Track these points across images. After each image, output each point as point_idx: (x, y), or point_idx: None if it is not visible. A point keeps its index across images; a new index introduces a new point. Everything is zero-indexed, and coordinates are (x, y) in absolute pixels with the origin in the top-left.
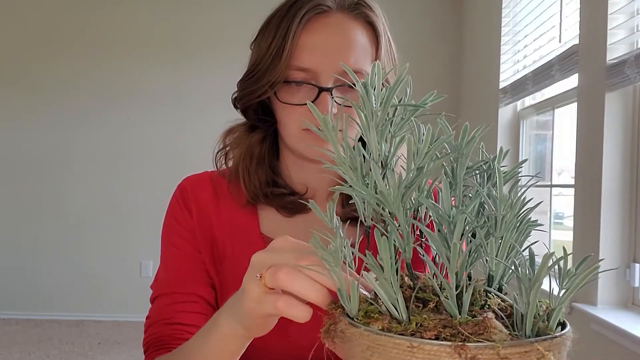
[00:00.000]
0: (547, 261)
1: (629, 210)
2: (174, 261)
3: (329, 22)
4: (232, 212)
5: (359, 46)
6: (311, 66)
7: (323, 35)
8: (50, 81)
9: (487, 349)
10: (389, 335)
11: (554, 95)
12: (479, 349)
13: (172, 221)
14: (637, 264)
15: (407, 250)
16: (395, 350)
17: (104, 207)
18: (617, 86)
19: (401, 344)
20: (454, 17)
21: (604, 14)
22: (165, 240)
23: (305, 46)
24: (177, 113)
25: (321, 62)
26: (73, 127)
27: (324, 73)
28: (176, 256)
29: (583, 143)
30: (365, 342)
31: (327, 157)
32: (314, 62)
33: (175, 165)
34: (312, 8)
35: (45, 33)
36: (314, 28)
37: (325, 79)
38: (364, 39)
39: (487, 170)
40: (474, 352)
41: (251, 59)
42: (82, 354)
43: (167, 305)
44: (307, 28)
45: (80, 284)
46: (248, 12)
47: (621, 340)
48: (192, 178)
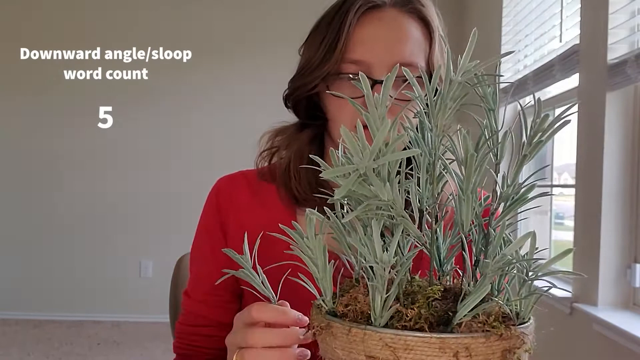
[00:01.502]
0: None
1: (629, 210)
2: (207, 276)
3: (383, 17)
4: (271, 212)
5: (413, 39)
6: (365, 58)
7: (376, 28)
8: (52, 79)
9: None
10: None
11: (554, 95)
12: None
13: (205, 230)
14: (637, 264)
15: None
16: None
17: (104, 207)
18: (618, 86)
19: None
20: (454, 17)
21: (604, 14)
22: (198, 246)
23: (358, 39)
24: (177, 113)
25: (374, 55)
26: (72, 126)
27: (377, 65)
28: (209, 268)
29: (584, 143)
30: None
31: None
32: (367, 55)
33: (175, 166)
34: (365, 2)
35: (59, 32)
36: (367, 21)
37: (378, 72)
38: (418, 33)
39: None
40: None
41: (302, 59)
42: (82, 354)
43: (190, 327)
44: (361, 22)
45: (79, 284)
46: (278, 14)
47: (622, 340)
48: (226, 178)
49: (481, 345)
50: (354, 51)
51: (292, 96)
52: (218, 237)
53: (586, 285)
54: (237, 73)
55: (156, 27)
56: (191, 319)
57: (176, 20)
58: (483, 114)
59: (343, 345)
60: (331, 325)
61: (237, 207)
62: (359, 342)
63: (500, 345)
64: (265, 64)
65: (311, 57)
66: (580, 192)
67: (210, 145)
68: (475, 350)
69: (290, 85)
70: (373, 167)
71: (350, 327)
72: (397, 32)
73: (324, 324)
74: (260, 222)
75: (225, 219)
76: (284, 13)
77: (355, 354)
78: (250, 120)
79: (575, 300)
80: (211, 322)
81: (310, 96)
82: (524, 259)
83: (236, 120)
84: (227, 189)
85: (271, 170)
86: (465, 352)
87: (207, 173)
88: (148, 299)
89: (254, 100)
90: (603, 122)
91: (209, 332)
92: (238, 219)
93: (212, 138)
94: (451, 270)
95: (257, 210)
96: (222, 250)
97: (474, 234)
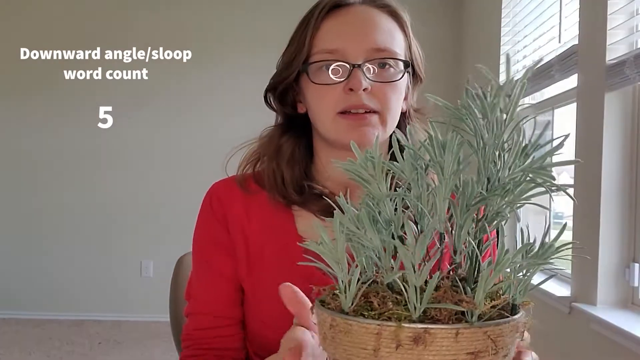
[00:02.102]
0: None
1: (628, 210)
2: (211, 283)
3: (352, 11)
4: (266, 215)
5: (384, 29)
6: (338, 46)
7: (346, 19)
8: (52, 79)
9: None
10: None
11: (553, 96)
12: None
13: (205, 233)
14: (636, 263)
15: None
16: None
17: (104, 207)
18: (617, 86)
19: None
20: (454, 17)
21: (603, 14)
22: (200, 254)
23: (328, 29)
24: (178, 113)
25: (347, 41)
26: (72, 126)
27: (352, 52)
28: (213, 276)
29: (582, 143)
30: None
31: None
32: (340, 42)
33: (176, 166)
34: (334, 1)
35: (59, 32)
36: (336, 15)
37: (354, 58)
38: (390, 25)
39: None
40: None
41: (280, 58)
42: (82, 354)
43: (204, 330)
44: (330, 15)
45: (80, 284)
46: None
47: (621, 340)
48: (220, 184)
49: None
50: (326, 40)
51: (273, 91)
52: (223, 238)
53: (585, 285)
54: (238, 73)
55: (156, 27)
56: (205, 321)
57: (176, 20)
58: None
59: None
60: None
61: (233, 212)
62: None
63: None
64: (265, 64)
65: (286, 56)
66: (579, 192)
67: (211, 145)
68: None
69: (270, 81)
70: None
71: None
72: (368, 21)
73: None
74: (258, 225)
75: (225, 222)
76: (284, 14)
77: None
78: (251, 120)
79: (574, 300)
80: (232, 322)
81: (292, 95)
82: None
83: (237, 120)
84: (222, 195)
85: (259, 176)
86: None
87: (207, 173)
88: (149, 298)
89: (255, 100)
90: (602, 122)
91: (230, 331)
92: (238, 225)
93: (212, 138)
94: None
95: (253, 214)
96: (234, 257)
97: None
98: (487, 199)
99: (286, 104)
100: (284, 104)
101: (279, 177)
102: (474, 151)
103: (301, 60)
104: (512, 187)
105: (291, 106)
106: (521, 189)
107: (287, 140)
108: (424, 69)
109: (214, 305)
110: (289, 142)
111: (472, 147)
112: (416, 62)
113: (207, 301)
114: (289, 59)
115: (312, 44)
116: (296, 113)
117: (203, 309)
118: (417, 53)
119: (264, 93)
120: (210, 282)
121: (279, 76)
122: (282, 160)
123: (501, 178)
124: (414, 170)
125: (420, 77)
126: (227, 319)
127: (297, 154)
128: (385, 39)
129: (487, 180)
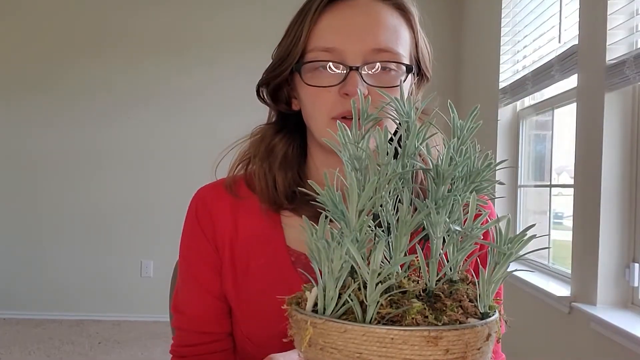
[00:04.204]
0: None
1: (628, 210)
2: (198, 299)
3: (355, 4)
4: (254, 223)
5: (388, 26)
6: (336, 45)
7: (347, 15)
8: (52, 79)
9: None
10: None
11: (553, 96)
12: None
13: (191, 244)
14: (636, 263)
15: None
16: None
17: (105, 207)
18: (617, 86)
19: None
20: (454, 17)
21: (603, 15)
22: (186, 266)
23: (326, 25)
24: (178, 113)
25: (346, 41)
26: (72, 126)
27: (350, 52)
28: (200, 292)
29: (582, 143)
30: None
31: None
32: (338, 41)
33: (176, 166)
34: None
35: (66, 37)
36: (337, 9)
37: (352, 59)
38: (396, 22)
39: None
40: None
41: (274, 53)
42: (83, 354)
43: (192, 347)
44: (330, 9)
45: (80, 284)
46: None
47: (621, 340)
48: (207, 189)
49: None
50: (323, 38)
51: (266, 87)
52: (210, 254)
53: (585, 285)
54: (232, 73)
55: (152, 27)
56: (194, 338)
57: (168, 22)
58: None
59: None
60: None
61: (219, 221)
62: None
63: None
64: (260, 65)
65: (280, 49)
66: (579, 192)
67: (211, 145)
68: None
69: (263, 75)
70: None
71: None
72: (370, 18)
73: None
74: (245, 234)
75: (212, 234)
76: (277, 14)
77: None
78: (248, 120)
79: (574, 300)
80: (220, 336)
81: (287, 91)
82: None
83: (235, 120)
84: (209, 203)
85: (249, 178)
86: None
87: (207, 173)
88: (149, 298)
89: (250, 100)
90: (602, 122)
91: (218, 347)
92: (225, 236)
93: (212, 137)
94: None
95: (241, 221)
96: (219, 269)
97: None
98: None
99: (280, 101)
100: (278, 100)
101: (271, 181)
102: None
103: (296, 56)
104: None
105: (285, 102)
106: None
107: (281, 139)
108: (431, 67)
109: (200, 321)
110: (282, 141)
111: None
112: (423, 60)
113: (193, 317)
114: (283, 54)
115: (308, 39)
116: (290, 110)
117: (190, 326)
118: (425, 50)
119: (256, 87)
120: (197, 298)
121: (272, 71)
122: (274, 162)
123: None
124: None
125: (426, 76)
126: (215, 334)
127: (291, 156)
128: (388, 38)
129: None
